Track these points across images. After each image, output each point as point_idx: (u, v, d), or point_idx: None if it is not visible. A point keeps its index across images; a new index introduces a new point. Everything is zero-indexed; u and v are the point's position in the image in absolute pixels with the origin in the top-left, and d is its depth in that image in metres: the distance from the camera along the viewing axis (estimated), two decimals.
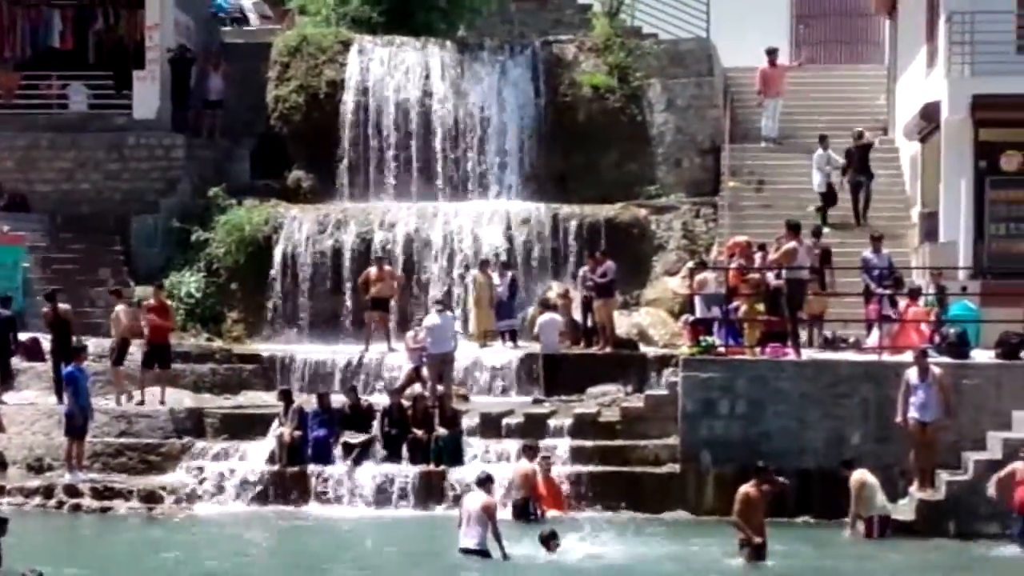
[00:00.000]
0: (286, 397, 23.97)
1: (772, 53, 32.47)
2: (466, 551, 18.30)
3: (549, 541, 18.51)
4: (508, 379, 26.42)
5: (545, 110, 32.18)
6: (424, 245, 29.80)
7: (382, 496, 22.87)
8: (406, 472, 22.97)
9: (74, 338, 24.97)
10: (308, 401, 24.36)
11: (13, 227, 29.69)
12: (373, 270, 27.92)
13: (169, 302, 26.75)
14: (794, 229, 23.42)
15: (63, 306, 25.65)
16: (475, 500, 18.58)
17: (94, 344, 25.80)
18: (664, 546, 19.83)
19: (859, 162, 29.13)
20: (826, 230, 27.59)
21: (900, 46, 32.65)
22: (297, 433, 23.40)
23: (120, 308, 25.64)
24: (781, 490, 19.25)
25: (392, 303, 28.06)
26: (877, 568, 18.97)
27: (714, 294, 24.45)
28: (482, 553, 18.21)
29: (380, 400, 24.56)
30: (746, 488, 18.27)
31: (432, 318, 25.11)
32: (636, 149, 31.91)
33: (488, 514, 18.28)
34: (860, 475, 20.40)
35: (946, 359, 22.20)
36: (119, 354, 25.29)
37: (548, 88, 32.30)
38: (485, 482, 19.14)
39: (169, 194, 31.53)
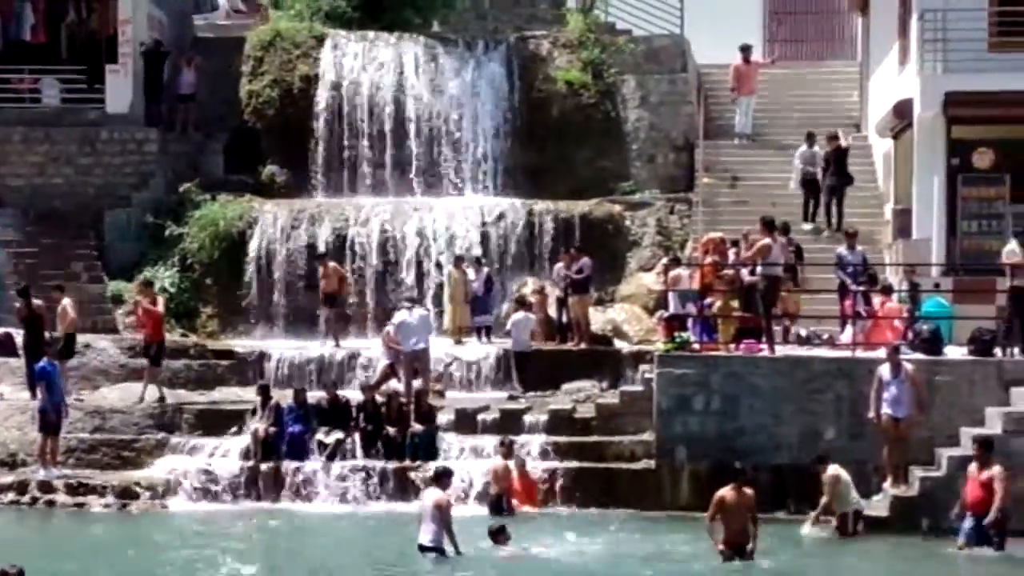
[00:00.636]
0: (264, 392, 23.95)
1: (746, 50, 32.57)
2: (422, 548, 18.25)
3: (498, 535, 18.50)
4: (483, 375, 26.40)
5: (519, 106, 32.22)
6: (399, 240, 29.79)
7: (357, 492, 22.87)
8: (381, 468, 22.96)
9: (47, 334, 24.87)
10: (284, 397, 24.34)
11: None
12: (320, 268, 28.14)
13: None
14: (768, 226, 23.48)
15: (36, 302, 25.51)
16: (429, 497, 18.49)
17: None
18: (634, 543, 19.86)
19: (836, 165, 28.99)
20: (807, 226, 27.62)
21: (872, 43, 32.78)
22: (272, 429, 23.40)
23: (67, 302, 25.38)
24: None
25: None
26: (861, 567, 19.04)
27: (688, 290, 24.52)
28: (437, 550, 18.14)
29: (355, 395, 24.54)
30: (722, 491, 17.97)
31: (401, 315, 25.05)
32: (610, 145, 32.00)
33: (440, 510, 18.18)
34: (835, 470, 20.48)
35: (919, 355, 22.31)
36: (67, 349, 25.09)
37: (522, 84, 32.36)
38: (440, 477, 19.09)
39: (142, 189, 31.41)
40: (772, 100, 33.05)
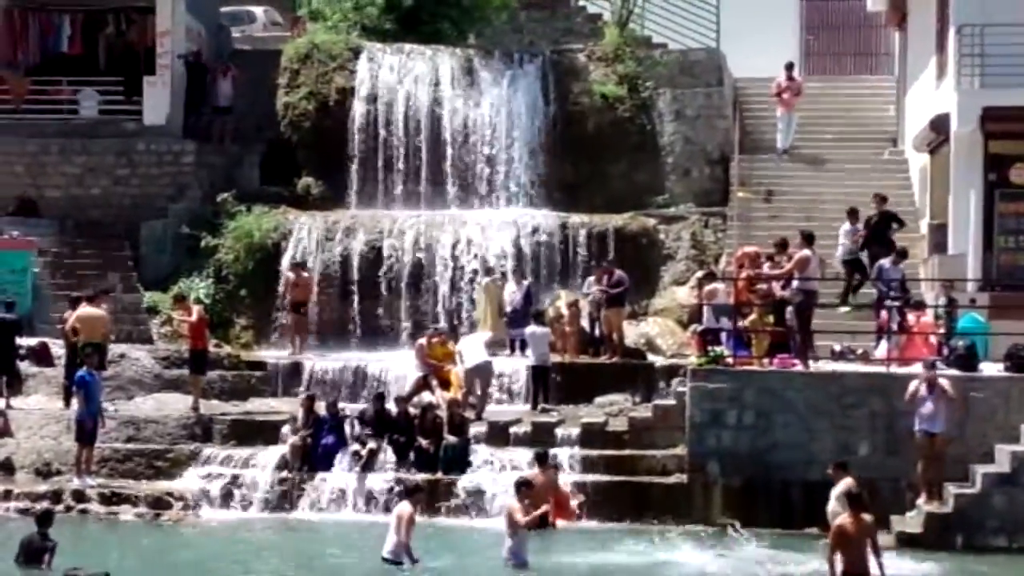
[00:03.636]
0: (309, 403, 23.99)
1: (790, 67, 32.41)
2: (384, 559, 18.51)
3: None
4: (516, 388, 26.35)
5: (554, 119, 32.22)
6: (433, 253, 29.82)
7: (389, 503, 22.83)
8: (413, 480, 22.90)
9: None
10: (319, 407, 24.37)
11: (23, 232, 29.77)
12: (291, 275, 28.67)
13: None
14: (808, 239, 23.45)
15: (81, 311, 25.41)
16: (397, 510, 18.75)
17: None
18: (652, 555, 19.79)
19: (876, 233, 26.78)
20: (843, 310, 26.11)
21: (910, 57, 32.67)
22: (310, 440, 23.47)
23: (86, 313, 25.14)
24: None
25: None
26: None
27: (723, 305, 24.45)
28: (395, 562, 18.40)
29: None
30: (840, 520, 16.73)
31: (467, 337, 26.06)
32: (645, 159, 31.96)
33: (400, 523, 18.40)
34: (853, 482, 20.35)
35: (955, 371, 22.18)
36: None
37: (558, 97, 32.36)
38: (412, 492, 19.41)
39: (179, 200, 31.58)
40: (808, 114, 32.91)
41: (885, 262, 25.34)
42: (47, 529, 18.20)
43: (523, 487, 19.32)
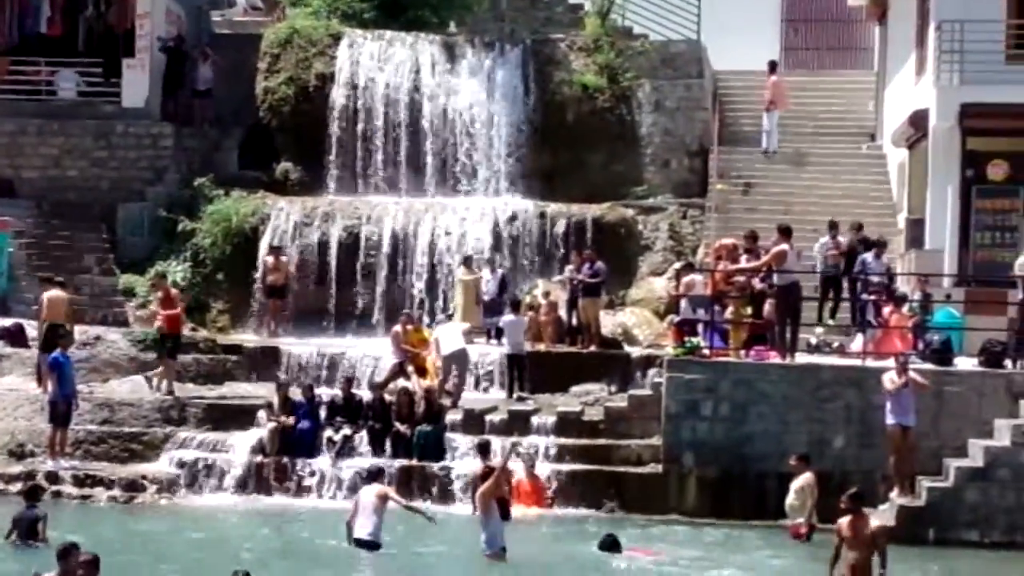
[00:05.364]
0: (284, 391, 23.95)
1: (772, 66, 32.39)
2: (359, 542, 18.61)
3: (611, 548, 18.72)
4: (492, 376, 26.37)
5: (534, 108, 32.19)
6: (411, 240, 29.80)
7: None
8: (387, 466, 22.89)
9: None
10: (294, 393, 24.35)
11: None
12: (270, 259, 28.74)
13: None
14: (785, 233, 23.47)
15: (60, 293, 25.30)
16: (370, 492, 18.90)
17: (78, 331, 25.71)
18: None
19: (852, 261, 25.61)
20: (820, 330, 25.40)
21: (890, 53, 32.76)
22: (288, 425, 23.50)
23: (46, 296, 25.00)
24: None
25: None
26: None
27: (700, 296, 24.50)
28: (373, 544, 18.52)
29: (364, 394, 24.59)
30: (840, 521, 16.27)
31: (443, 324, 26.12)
32: (624, 149, 31.95)
33: (384, 501, 18.72)
34: (813, 477, 20.44)
35: (929, 366, 22.29)
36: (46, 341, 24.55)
37: (538, 86, 32.33)
38: (377, 475, 19.81)
39: (156, 183, 31.48)
40: (787, 108, 32.92)
41: (868, 256, 25.40)
42: (36, 502, 18.29)
43: (485, 477, 19.42)
